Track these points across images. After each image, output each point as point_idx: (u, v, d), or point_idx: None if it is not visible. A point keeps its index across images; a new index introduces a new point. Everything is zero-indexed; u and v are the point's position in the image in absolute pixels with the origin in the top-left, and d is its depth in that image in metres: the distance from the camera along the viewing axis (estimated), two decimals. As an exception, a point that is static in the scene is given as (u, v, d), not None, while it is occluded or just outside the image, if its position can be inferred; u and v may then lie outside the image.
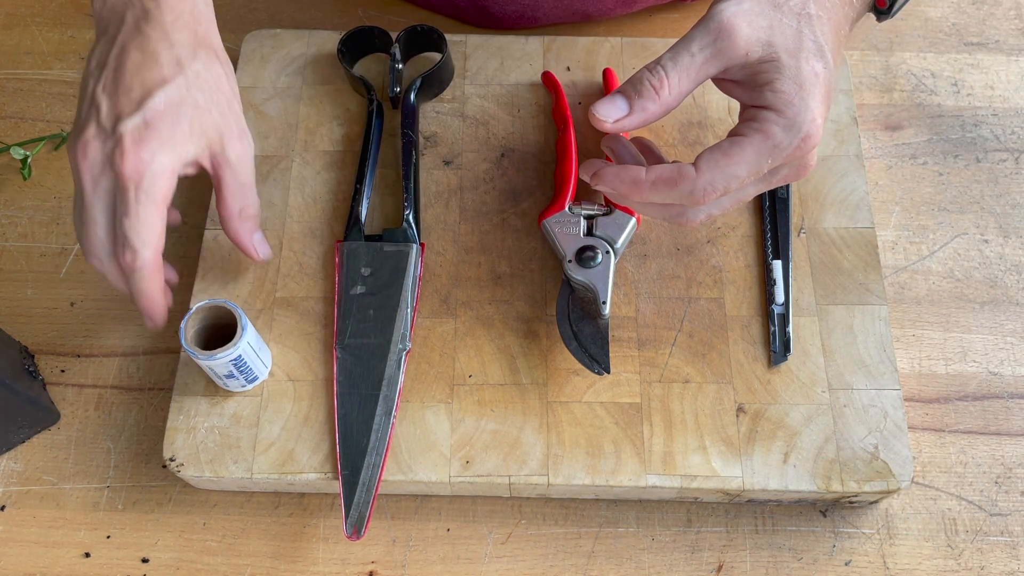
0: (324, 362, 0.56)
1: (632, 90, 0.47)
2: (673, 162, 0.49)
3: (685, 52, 0.46)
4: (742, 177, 0.46)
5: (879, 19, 0.54)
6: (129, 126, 0.47)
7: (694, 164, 0.47)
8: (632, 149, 0.53)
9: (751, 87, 0.47)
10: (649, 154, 0.53)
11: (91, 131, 0.48)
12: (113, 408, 0.58)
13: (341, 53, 0.64)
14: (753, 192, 0.50)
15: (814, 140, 0.46)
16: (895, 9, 0.53)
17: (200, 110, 0.49)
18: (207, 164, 0.51)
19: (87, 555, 0.54)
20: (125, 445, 0.57)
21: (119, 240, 0.48)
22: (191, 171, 0.51)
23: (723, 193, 0.47)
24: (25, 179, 0.64)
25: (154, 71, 0.49)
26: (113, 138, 0.47)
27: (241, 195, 0.53)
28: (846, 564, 0.54)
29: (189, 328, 0.51)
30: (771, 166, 0.47)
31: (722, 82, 0.49)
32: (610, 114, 0.47)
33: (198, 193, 0.65)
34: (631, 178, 0.48)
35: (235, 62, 0.68)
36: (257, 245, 0.55)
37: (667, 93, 0.47)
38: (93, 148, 0.48)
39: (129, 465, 0.56)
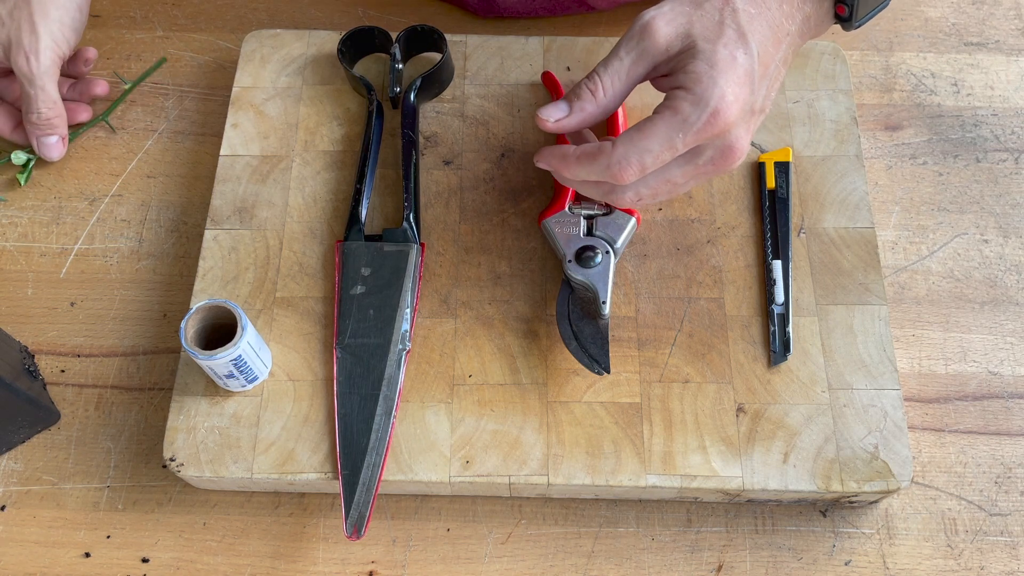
0: (324, 362, 0.56)
1: (572, 95, 0.52)
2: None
3: (614, 57, 0.51)
4: (655, 151, 0.48)
5: (844, 27, 0.54)
6: None
7: (609, 139, 0.50)
8: (591, 138, 0.55)
9: (672, 76, 0.50)
10: None
11: None
12: (113, 408, 0.58)
13: (341, 53, 0.64)
14: (681, 176, 0.51)
15: (724, 117, 0.48)
16: (858, 19, 0.53)
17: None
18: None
19: (87, 555, 0.54)
20: (125, 445, 0.57)
21: None
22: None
23: (640, 169, 0.49)
24: (22, 185, 0.64)
25: None
26: None
27: (27, 102, 0.62)
28: (846, 564, 0.54)
29: (189, 328, 0.51)
30: (684, 142, 0.48)
31: (656, 81, 0.52)
32: (551, 115, 0.51)
33: (198, 193, 0.65)
34: (560, 154, 0.52)
35: (235, 62, 0.68)
36: (44, 147, 0.64)
37: (602, 95, 0.51)
38: None
39: (129, 465, 0.56)
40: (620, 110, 0.63)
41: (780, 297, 0.57)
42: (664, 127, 0.48)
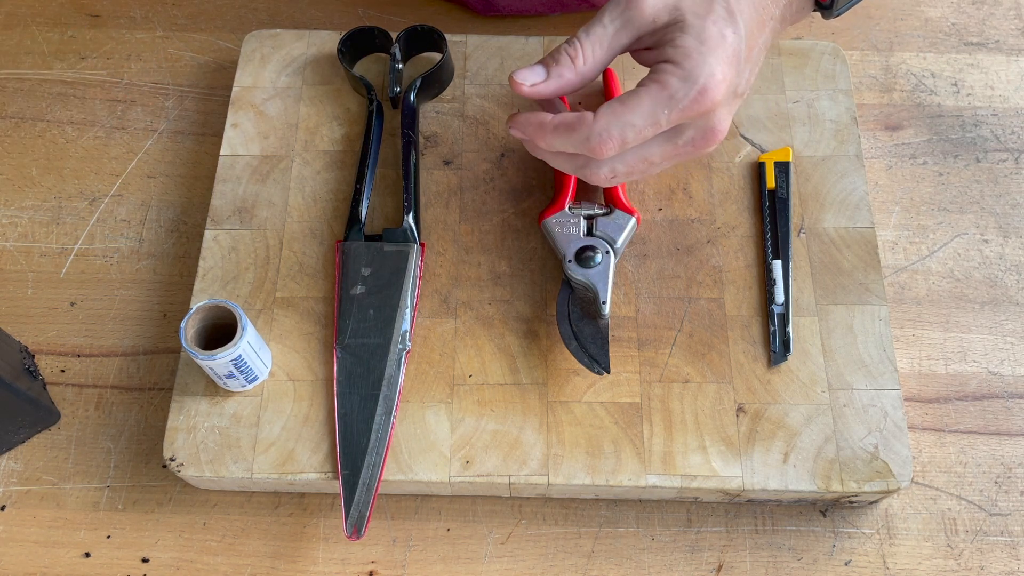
0: (324, 362, 0.56)
1: (551, 59, 0.49)
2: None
3: (598, 24, 0.49)
4: (638, 127, 0.47)
5: (824, 16, 0.53)
6: None
7: (590, 111, 0.48)
8: (562, 109, 0.53)
9: (658, 49, 0.49)
10: None
11: None
12: (113, 408, 0.58)
13: (341, 53, 0.64)
14: (659, 155, 0.49)
15: (712, 96, 0.46)
16: (838, 8, 0.53)
17: None
18: None
19: (87, 555, 0.54)
20: (125, 445, 0.57)
21: None
22: None
23: (620, 144, 0.47)
24: None
25: None
26: None
27: None
28: (846, 564, 0.54)
29: (189, 328, 0.51)
30: (668, 119, 0.47)
31: (638, 53, 0.51)
32: (527, 78, 0.49)
33: (198, 193, 0.65)
34: (538, 121, 0.50)
35: (235, 62, 0.68)
36: None
37: (582, 63, 0.49)
38: None
39: (129, 465, 0.56)
40: (613, 83, 0.63)
41: (780, 297, 0.57)
42: (649, 101, 0.47)
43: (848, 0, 0.53)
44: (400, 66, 0.64)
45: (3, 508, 0.55)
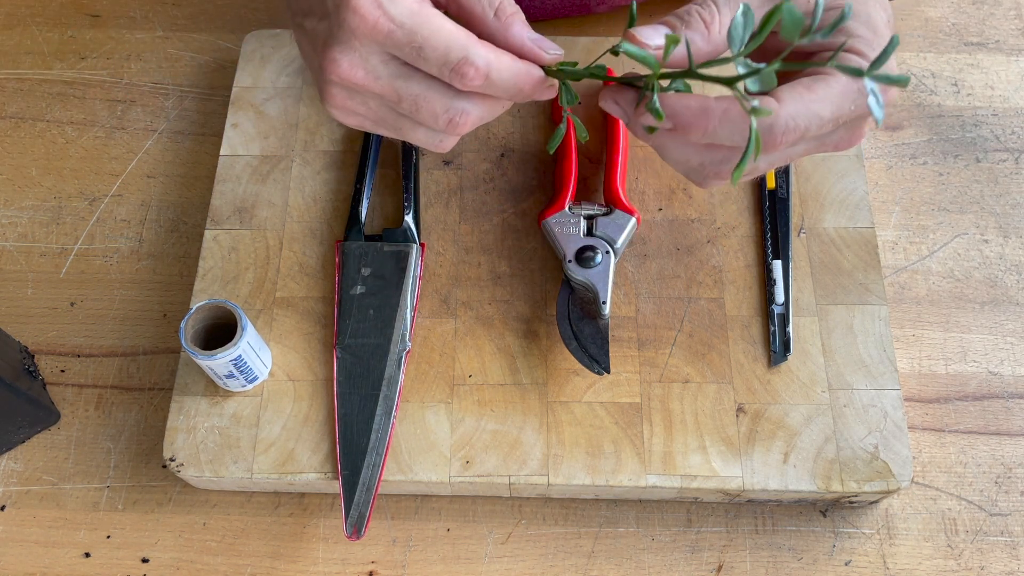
0: (324, 362, 0.56)
1: (678, 20, 0.42)
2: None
3: None
4: (824, 119, 0.41)
5: None
6: None
7: (771, 96, 0.41)
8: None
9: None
10: None
11: None
12: (113, 408, 0.58)
13: (341, 53, 0.64)
14: (801, 152, 0.44)
15: (889, 94, 0.42)
16: None
17: None
18: None
19: (87, 555, 0.54)
20: (125, 445, 0.57)
21: None
22: None
23: (801, 137, 0.41)
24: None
25: None
26: None
27: None
28: (846, 564, 0.54)
29: (189, 328, 0.51)
30: (850, 113, 0.42)
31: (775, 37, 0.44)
32: (651, 38, 0.41)
33: (198, 193, 0.65)
34: (700, 106, 0.41)
35: (235, 62, 0.68)
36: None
37: (717, 30, 0.42)
38: None
39: (129, 465, 0.56)
40: None
41: (780, 297, 0.57)
42: (840, 91, 0.40)
43: None
44: (400, 66, 0.64)
45: (3, 508, 0.55)
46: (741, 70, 0.38)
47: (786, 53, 0.38)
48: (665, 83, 0.42)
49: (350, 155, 0.63)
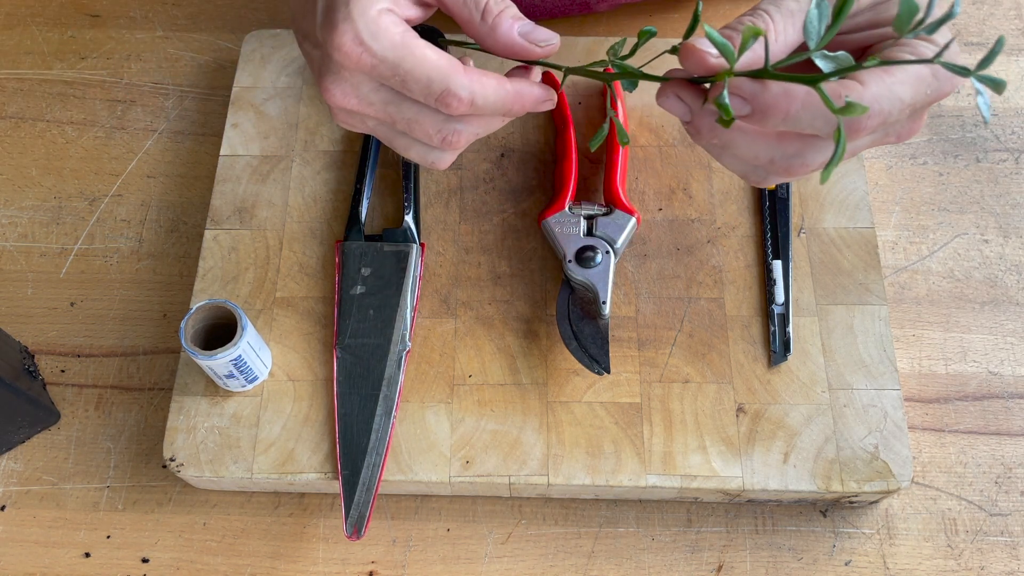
0: (324, 362, 0.56)
1: (733, 33, 0.41)
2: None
3: None
4: (904, 103, 0.39)
5: None
6: None
7: (853, 80, 0.40)
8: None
9: (874, 29, 0.42)
10: None
11: None
12: (113, 408, 0.58)
13: (341, 53, 0.64)
14: (865, 145, 0.43)
15: (956, 81, 0.41)
16: None
17: None
18: None
19: (87, 555, 0.54)
20: (125, 445, 0.57)
21: None
22: None
23: (883, 121, 0.40)
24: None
25: None
26: None
27: None
28: (846, 564, 0.54)
29: (189, 328, 0.51)
30: (924, 98, 0.40)
31: (843, 37, 0.43)
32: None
33: (198, 193, 0.65)
34: (782, 89, 0.39)
35: (235, 62, 0.68)
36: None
37: (772, 40, 0.41)
38: None
39: (129, 465, 0.56)
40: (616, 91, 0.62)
41: (780, 297, 0.57)
42: (915, 75, 0.39)
43: None
44: (400, 66, 0.64)
45: (3, 508, 0.55)
46: (820, 63, 0.37)
47: (889, 44, 0.37)
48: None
49: (350, 155, 0.63)
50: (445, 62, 0.42)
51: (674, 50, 0.41)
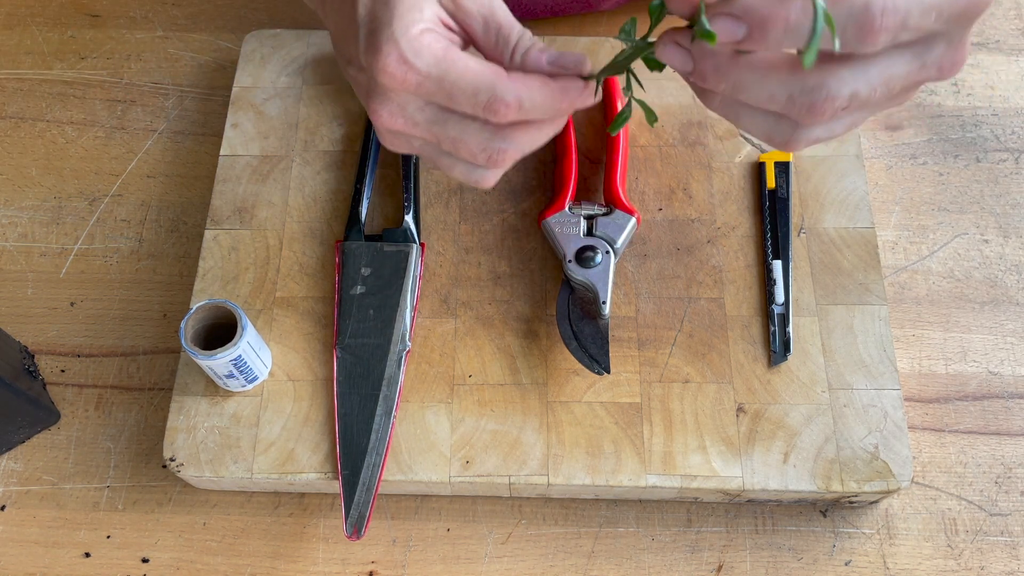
0: (324, 362, 0.56)
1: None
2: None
3: None
4: (926, 4, 0.37)
5: None
6: None
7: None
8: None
9: None
10: None
11: None
12: (113, 408, 0.58)
13: (341, 53, 0.64)
14: (902, 73, 0.39)
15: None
16: None
17: None
18: None
19: (87, 555, 0.54)
20: (125, 445, 0.57)
21: None
22: None
23: (901, 22, 0.36)
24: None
25: None
26: None
27: None
28: (846, 564, 0.54)
29: (189, 328, 0.51)
30: (951, 5, 0.37)
31: None
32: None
33: (198, 193, 0.65)
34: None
35: (235, 62, 0.68)
36: None
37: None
38: None
39: (129, 465, 0.56)
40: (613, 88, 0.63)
41: (780, 297, 0.57)
42: None
43: None
44: (400, 66, 0.64)
45: (3, 508, 0.55)
46: None
47: None
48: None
49: (350, 155, 0.63)
50: (489, 70, 0.42)
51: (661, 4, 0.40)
